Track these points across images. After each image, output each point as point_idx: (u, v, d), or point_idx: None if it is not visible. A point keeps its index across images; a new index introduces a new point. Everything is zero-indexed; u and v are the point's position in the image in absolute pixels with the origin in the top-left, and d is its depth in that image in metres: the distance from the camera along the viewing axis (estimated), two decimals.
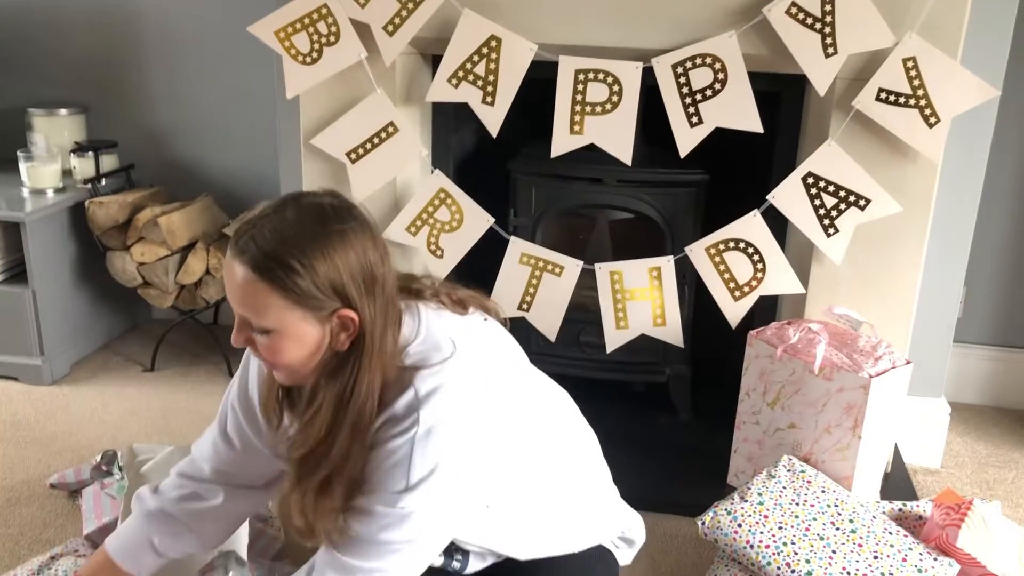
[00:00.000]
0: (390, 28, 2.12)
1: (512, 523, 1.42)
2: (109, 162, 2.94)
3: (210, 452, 1.50)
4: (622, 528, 1.62)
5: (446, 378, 1.22)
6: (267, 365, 1.26)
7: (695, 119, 2.08)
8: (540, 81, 2.12)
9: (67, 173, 2.91)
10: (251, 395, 1.42)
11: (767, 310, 2.30)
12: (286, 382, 1.29)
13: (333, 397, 1.21)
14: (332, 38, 2.17)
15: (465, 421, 1.24)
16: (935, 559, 1.71)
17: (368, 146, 2.23)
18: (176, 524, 1.48)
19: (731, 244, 2.17)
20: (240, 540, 1.72)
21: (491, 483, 1.32)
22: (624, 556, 1.63)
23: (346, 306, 1.19)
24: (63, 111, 2.98)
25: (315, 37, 2.17)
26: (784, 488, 1.86)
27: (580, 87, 2.10)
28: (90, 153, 2.87)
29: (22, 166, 2.79)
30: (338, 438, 1.21)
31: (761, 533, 1.75)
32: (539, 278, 2.24)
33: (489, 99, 2.13)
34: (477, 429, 1.26)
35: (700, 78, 2.06)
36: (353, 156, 2.24)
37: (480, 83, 2.13)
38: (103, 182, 2.84)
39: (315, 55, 2.18)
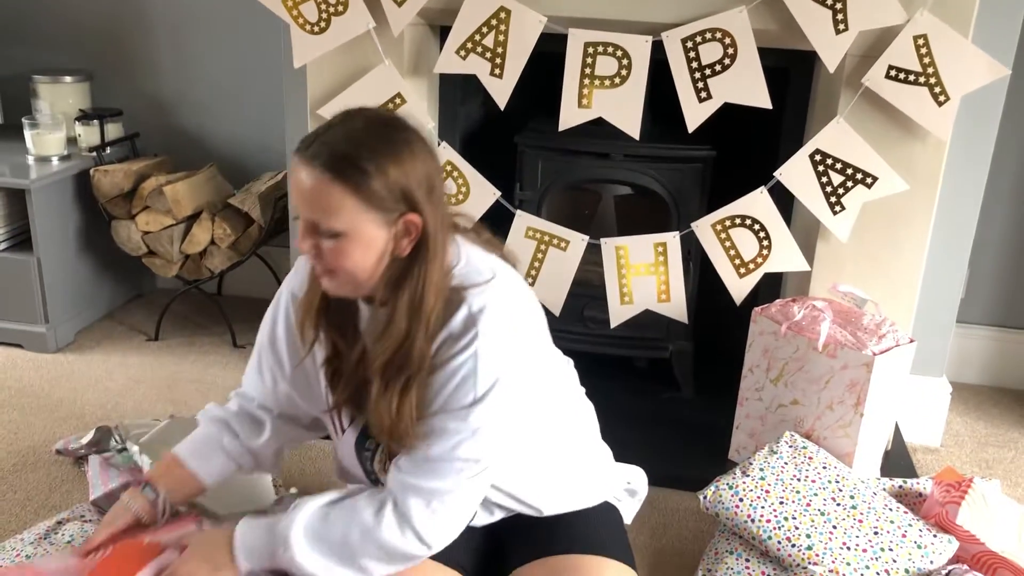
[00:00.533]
0: None
1: (529, 466, 1.44)
2: (114, 130, 2.93)
3: (251, 384, 1.57)
4: (627, 478, 1.65)
5: (494, 296, 1.27)
6: (327, 275, 1.27)
7: (704, 94, 2.08)
8: (548, 54, 2.11)
9: (72, 141, 2.90)
10: (278, 338, 1.47)
11: (772, 287, 2.30)
12: (342, 292, 1.29)
13: (406, 304, 1.24)
14: (340, 7, 2.15)
15: (517, 336, 1.29)
16: (935, 536, 1.73)
17: None
18: (238, 435, 1.55)
19: (737, 221, 2.17)
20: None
21: (526, 412, 1.37)
22: (628, 509, 1.65)
23: (412, 210, 1.23)
24: (68, 79, 2.97)
25: (323, 6, 2.16)
26: (786, 464, 1.87)
27: (589, 60, 2.09)
28: (95, 121, 2.86)
29: (27, 133, 2.78)
30: (416, 343, 1.24)
31: (762, 508, 1.76)
32: (544, 252, 2.24)
33: (497, 71, 2.12)
34: (525, 347, 1.32)
35: (709, 53, 2.05)
36: None
37: (489, 55, 2.12)
38: (108, 150, 2.83)
39: (323, 24, 2.17)
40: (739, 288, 2.22)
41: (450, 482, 1.27)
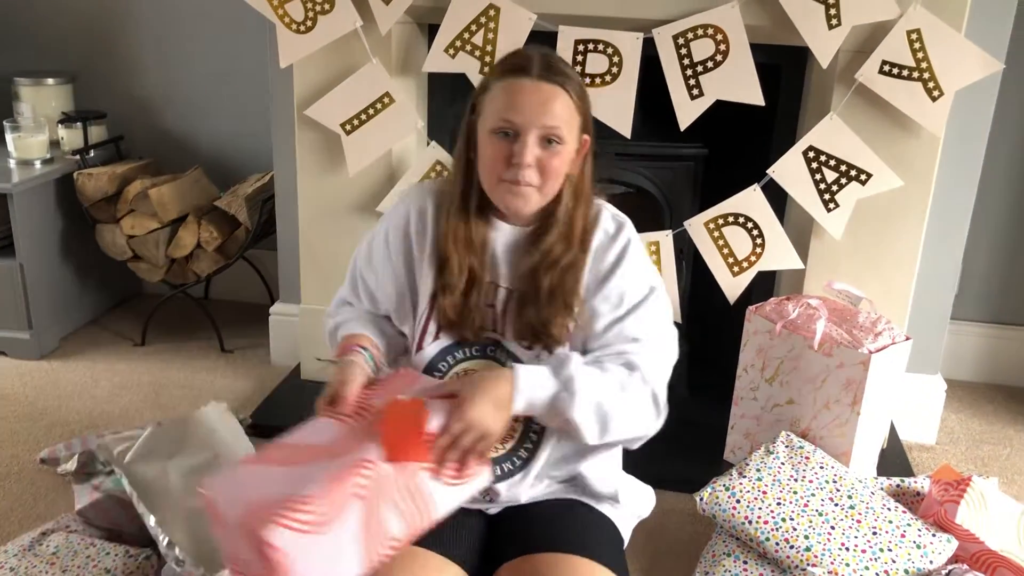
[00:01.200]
0: None
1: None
2: (98, 133, 2.89)
3: (344, 305, 1.57)
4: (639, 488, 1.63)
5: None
6: (536, 187, 1.33)
7: (696, 91, 2.06)
8: None
9: (54, 144, 2.86)
10: (381, 258, 1.48)
11: (766, 286, 2.28)
12: (536, 206, 1.36)
13: (580, 212, 1.38)
14: (327, 6, 2.12)
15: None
16: (933, 535, 1.71)
17: (363, 117, 2.19)
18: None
19: (730, 219, 2.15)
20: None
21: None
22: (626, 523, 1.62)
23: (587, 131, 1.37)
24: (50, 81, 2.92)
25: (309, 5, 2.13)
26: (782, 464, 1.85)
27: (579, 58, 2.07)
28: (78, 124, 2.81)
29: (8, 136, 2.73)
30: (577, 251, 1.37)
31: (759, 509, 1.74)
32: None
33: (487, 70, 2.10)
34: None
35: (701, 49, 2.03)
36: (348, 127, 2.21)
37: (478, 53, 2.09)
38: (91, 153, 2.79)
39: (309, 23, 2.14)
40: (733, 287, 2.20)
41: (667, 355, 1.41)
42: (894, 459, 2.25)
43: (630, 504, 1.57)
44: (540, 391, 1.30)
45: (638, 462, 1.76)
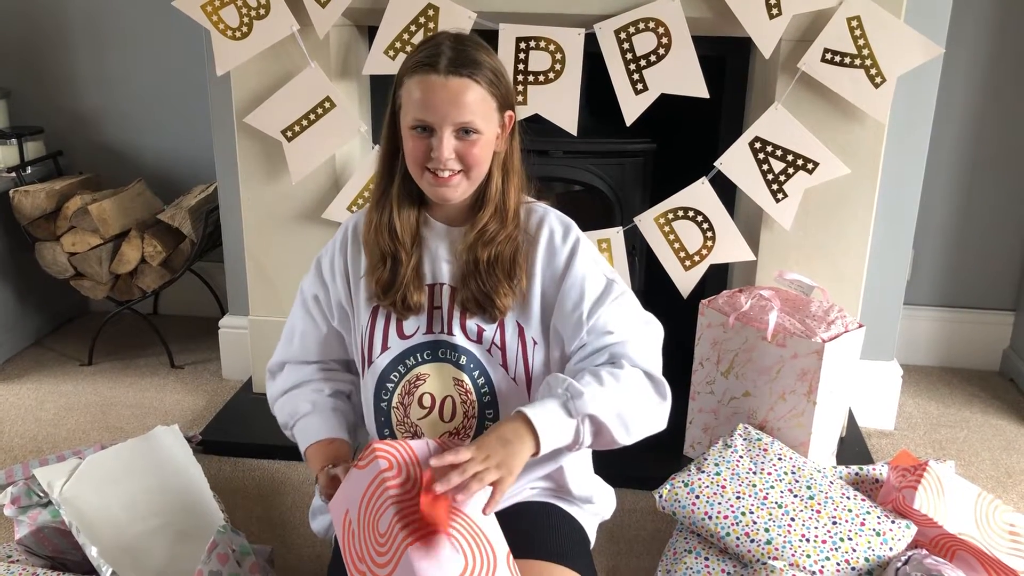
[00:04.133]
0: None
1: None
2: (35, 149, 2.81)
3: (297, 345, 1.53)
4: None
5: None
6: (461, 177, 1.34)
7: (640, 86, 2.04)
8: None
9: None
10: (337, 273, 1.47)
11: (719, 278, 2.27)
12: (463, 194, 1.36)
13: (512, 187, 1.39)
14: (262, 11, 2.08)
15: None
16: (893, 521, 1.70)
17: (304, 123, 2.15)
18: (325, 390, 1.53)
19: (680, 213, 2.13)
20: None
21: None
22: (590, 523, 1.60)
23: (509, 107, 1.36)
24: None
25: (244, 10, 2.08)
26: (741, 457, 1.84)
27: (522, 56, 2.04)
28: (13, 140, 2.73)
29: None
30: (512, 227, 1.39)
31: (719, 504, 1.73)
32: None
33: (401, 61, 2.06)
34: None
35: (644, 43, 2.01)
36: (289, 134, 2.16)
37: None
38: (28, 170, 2.71)
39: (245, 29, 2.09)
40: (685, 281, 2.18)
41: (652, 328, 1.44)
42: (853, 447, 2.25)
43: (598, 506, 1.56)
44: (556, 427, 1.26)
45: (600, 461, 1.74)
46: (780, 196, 2.08)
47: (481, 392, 1.41)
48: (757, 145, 2.06)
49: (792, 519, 1.70)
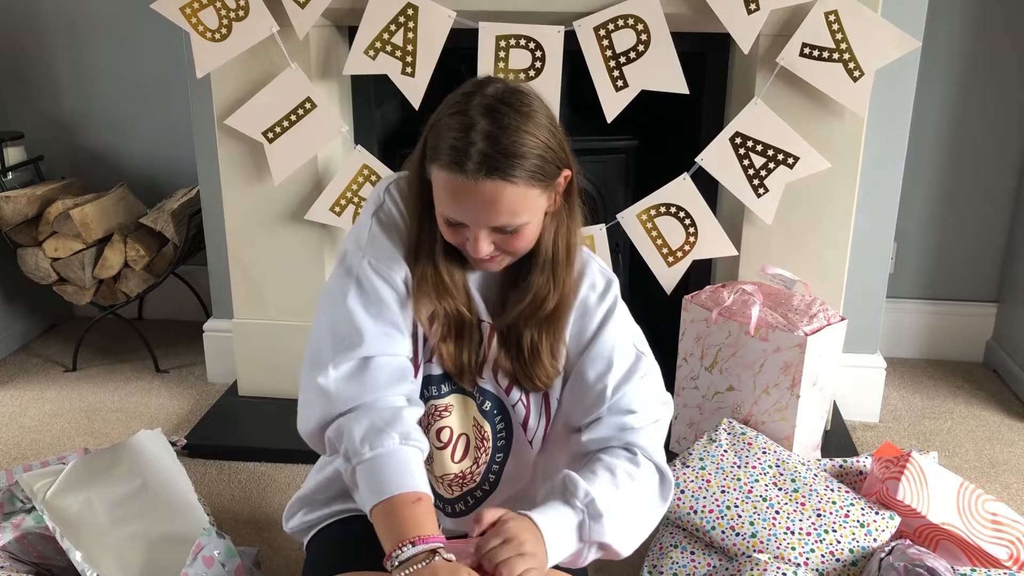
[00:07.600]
0: None
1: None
2: (15, 154, 2.79)
3: (370, 333, 1.26)
4: None
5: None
6: (502, 258, 1.23)
7: (620, 82, 2.04)
8: (462, 50, 2.05)
9: None
10: (387, 301, 1.26)
11: (702, 274, 2.28)
12: (507, 264, 1.26)
13: (564, 244, 1.26)
14: (241, 12, 2.07)
15: None
16: (876, 513, 1.71)
17: (285, 124, 2.14)
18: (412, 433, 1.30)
19: (662, 209, 2.14)
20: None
21: None
22: None
23: (565, 166, 1.21)
24: None
25: (223, 12, 2.07)
26: (725, 451, 1.85)
27: (502, 54, 2.05)
28: None
29: None
30: (567, 287, 1.28)
31: (704, 498, 1.73)
32: None
33: (409, 70, 2.06)
34: None
35: (623, 40, 2.01)
36: (270, 135, 2.16)
37: (399, 53, 2.06)
38: (9, 175, 2.70)
39: (224, 31, 2.09)
40: (668, 277, 2.19)
41: (661, 413, 1.33)
42: (838, 439, 2.26)
43: None
44: (562, 548, 1.18)
45: None
46: (761, 191, 2.09)
47: (497, 438, 1.35)
48: (738, 140, 2.06)
49: (777, 512, 1.70)
